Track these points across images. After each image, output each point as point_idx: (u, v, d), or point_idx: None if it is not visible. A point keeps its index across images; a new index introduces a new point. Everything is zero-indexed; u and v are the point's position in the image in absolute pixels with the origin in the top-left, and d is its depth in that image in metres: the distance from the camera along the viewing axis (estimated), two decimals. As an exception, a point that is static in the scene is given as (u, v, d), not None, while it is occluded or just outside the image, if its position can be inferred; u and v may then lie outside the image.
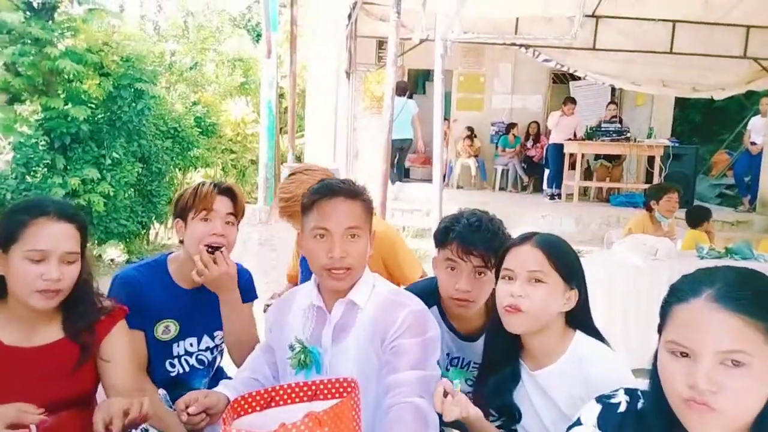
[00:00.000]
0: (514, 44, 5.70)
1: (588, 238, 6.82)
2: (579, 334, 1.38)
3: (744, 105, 10.67)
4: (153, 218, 7.95)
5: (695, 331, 0.92)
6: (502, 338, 1.40)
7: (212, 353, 1.99)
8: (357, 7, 6.03)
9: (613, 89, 9.34)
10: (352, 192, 1.44)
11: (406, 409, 1.24)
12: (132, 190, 7.32)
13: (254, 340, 1.85)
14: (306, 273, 2.22)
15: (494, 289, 1.42)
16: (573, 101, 8.62)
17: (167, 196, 8.04)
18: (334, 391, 1.07)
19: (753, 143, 8.28)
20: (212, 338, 1.98)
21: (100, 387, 1.56)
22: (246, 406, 1.03)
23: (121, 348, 1.50)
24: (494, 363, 1.41)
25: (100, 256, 7.32)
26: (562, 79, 10.17)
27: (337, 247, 1.37)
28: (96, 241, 7.00)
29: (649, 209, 4.51)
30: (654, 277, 3.85)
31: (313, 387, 1.06)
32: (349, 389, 1.06)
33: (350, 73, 7.02)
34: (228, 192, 1.82)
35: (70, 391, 1.39)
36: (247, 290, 2.04)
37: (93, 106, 6.44)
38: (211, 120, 8.96)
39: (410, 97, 11.04)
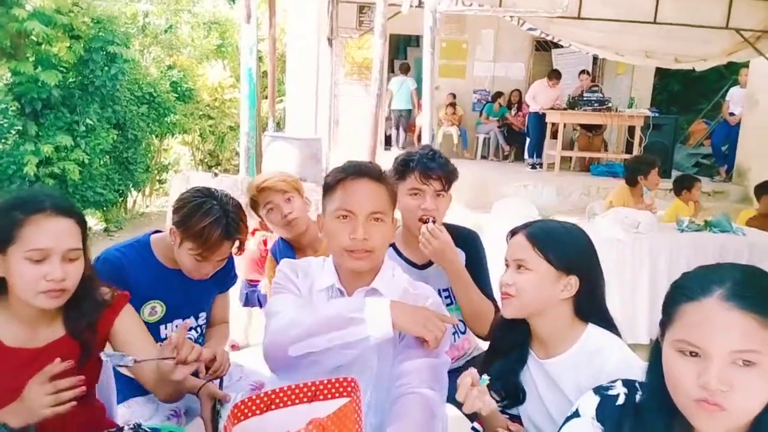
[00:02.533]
0: (510, 16, 5.59)
1: (569, 209, 6.89)
2: (591, 327, 1.39)
3: (723, 75, 10.74)
4: (130, 186, 7.80)
5: (707, 330, 0.92)
6: (511, 325, 1.42)
7: (197, 332, 1.99)
8: (339, -30, 5.84)
9: (595, 58, 9.31)
10: (378, 174, 1.42)
11: (414, 401, 1.25)
12: (108, 157, 7.14)
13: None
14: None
15: None
16: (558, 75, 8.56)
17: (144, 164, 7.86)
18: (334, 391, 1.05)
19: (731, 114, 8.38)
20: (196, 318, 1.98)
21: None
22: (246, 410, 1.01)
23: (133, 329, 1.45)
24: (502, 348, 1.43)
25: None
26: (544, 46, 10.09)
27: (360, 228, 1.35)
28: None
29: (634, 183, 4.53)
30: (636, 249, 3.92)
31: (313, 388, 1.04)
32: (349, 389, 1.04)
33: (332, 40, 6.85)
34: (234, 239, 1.77)
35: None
36: (229, 272, 2.04)
37: (64, 70, 6.20)
38: (187, 85, 8.72)
39: (391, 63, 10.90)
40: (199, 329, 2.00)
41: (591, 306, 1.39)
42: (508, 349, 1.43)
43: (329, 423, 0.89)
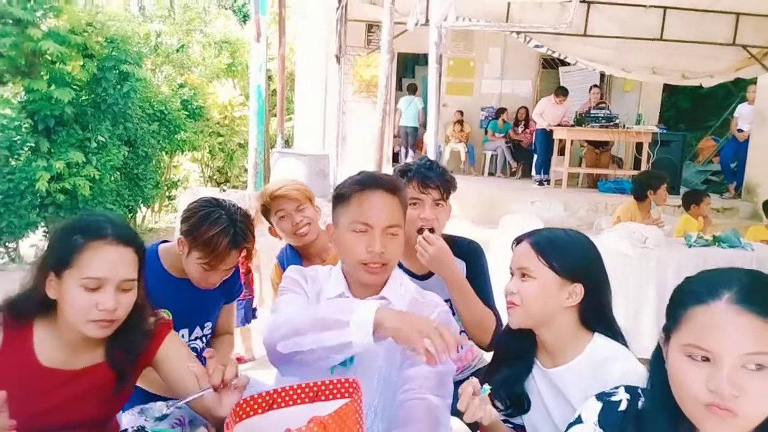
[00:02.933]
0: (511, 31, 5.65)
1: (576, 224, 6.86)
2: (598, 336, 1.37)
3: (731, 92, 10.74)
4: (140, 202, 7.86)
5: (717, 334, 0.91)
6: (516, 334, 1.41)
7: (202, 342, 2.00)
8: (347, -10, 5.95)
9: (602, 75, 9.35)
10: (395, 186, 1.41)
11: (419, 407, 1.24)
12: (118, 173, 7.21)
13: None
14: None
15: None
16: (564, 92, 8.60)
17: (154, 180, 7.94)
18: (335, 391, 1.06)
19: (740, 130, 8.35)
20: (202, 328, 1.99)
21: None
22: (248, 409, 1.02)
23: (177, 358, 1.40)
24: (507, 357, 1.42)
25: (86, 240, 7.21)
26: (551, 64, 10.15)
27: (378, 242, 1.34)
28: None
29: (643, 198, 4.53)
30: (643, 264, 3.90)
31: (315, 388, 1.05)
32: (350, 390, 1.05)
33: (340, 57, 6.94)
34: (243, 247, 1.79)
35: (96, 414, 1.34)
36: (235, 283, 2.06)
37: (77, 88, 6.30)
38: (198, 103, 8.82)
39: (399, 81, 11.01)
40: (204, 339, 2.01)
41: (597, 315, 1.38)
42: (512, 358, 1.42)
43: (330, 422, 0.89)
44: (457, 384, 1.88)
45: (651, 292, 3.85)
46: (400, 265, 1.87)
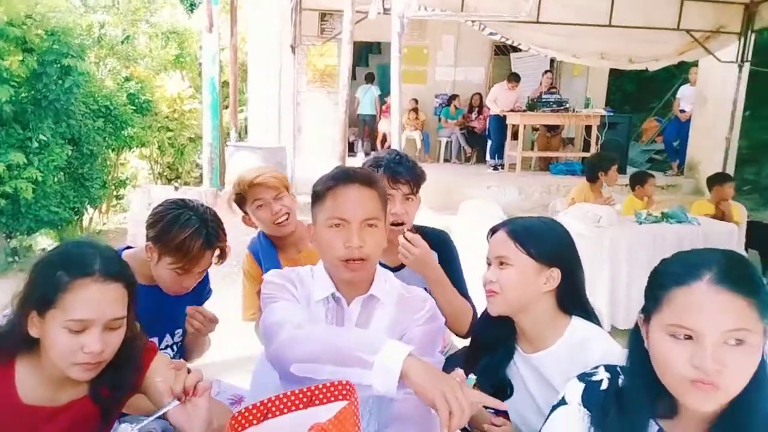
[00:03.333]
0: (472, 21, 5.67)
1: (531, 207, 7.04)
2: (576, 319, 1.41)
3: (673, 74, 11.17)
4: (86, 203, 7.55)
5: (700, 313, 0.97)
6: (495, 321, 1.44)
7: (173, 351, 1.95)
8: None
9: (552, 60, 9.55)
10: (370, 179, 1.39)
11: (412, 401, 1.23)
12: (62, 174, 6.91)
13: None
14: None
15: None
16: (517, 78, 8.75)
17: (100, 179, 7.64)
18: (329, 395, 1.04)
19: (682, 110, 8.72)
20: (173, 336, 1.94)
21: None
22: (243, 421, 0.99)
23: (163, 375, 1.31)
24: (487, 345, 1.45)
25: (30, 246, 6.90)
26: (503, 50, 10.29)
27: (355, 236, 1.31)
28: (25, 231, 6.59)
29: (595, 179, 4.68)
30: (597, 243, 4.04)
31: (308, 393, 1.03)
32: (344, 392, 1.03)
33: (295, 47, 6.83)
34: (216, 247, 1.73)
35: None
36: (205, 286, 2.00)
37: (16, 84, 5.97)
38: (145, 96, 8.52)
39: (353, 70, 10.92)
40: (175, 347, 1.96)
41: (573, 298, 1.42)
42: (492, 346, 1.44)
43: (330, 427, 0.89)
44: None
45: (605, 268, 4.00)
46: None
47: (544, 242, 1.40)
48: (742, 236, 4.65)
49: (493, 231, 1.45)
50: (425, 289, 1.90)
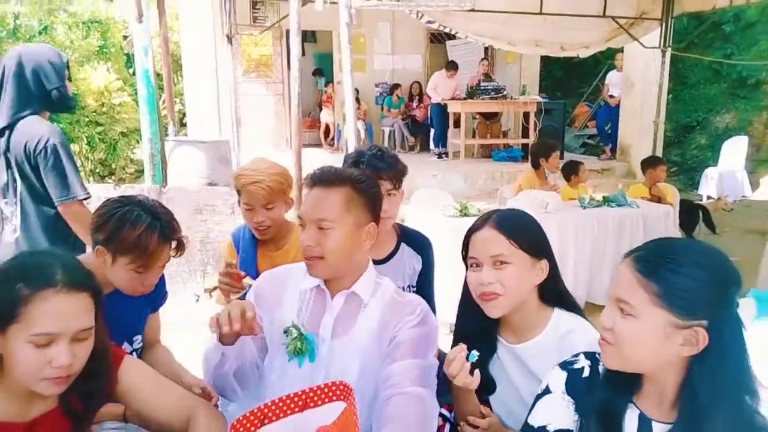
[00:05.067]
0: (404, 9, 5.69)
1: (477, 194, 7.18)
2: (559, 311, 1.42)
3: (599, 60, 11.63)
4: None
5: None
6: (478, 316, 1.42)
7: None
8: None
9: (486, 48, 9.73)
10: (329, 181, 1.39)
11: (406, 401, 1.24)
12: (-18, 174, 6.43)
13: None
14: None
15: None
16: (455, 66, 8.86)
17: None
18: (324, 396, 1.04)
19: (611, 96, 9.10)
20: (131, 343, 1.86)
21: None
22: (241, 429, 0.97)
23: (141, 385, 1.29)
24: (470, 338, 1.41)
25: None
26: (438, 38, 10.39)
27: (305, 235, 1.37)
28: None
29: (538, 166, 4.81)
30: (546, 228, 4.16)
31: (303, 396, 1.02)
32: (339, 393, 1.03)
33: (232, 37, 6.62)
34: (172, 239, 1.65)
35: None
36: (161, 289, 1.93)
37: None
38: (70, 90, 8.02)
39: (287, 58, 10.75)
40: (134, 354, 1.88)
41: (554, 288, 1.43)
42: (475, 338, 1.40)
43: (334, 429, 0.88)
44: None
45: (554, 251, 4.14)
46: None
47: (533, 235, 1.39)
48: (676, 217, 4.93)
49: (475, 229, 1.40)
50: (408, 287, 1.92)
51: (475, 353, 1.27)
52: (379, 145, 1.97)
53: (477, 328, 1.45)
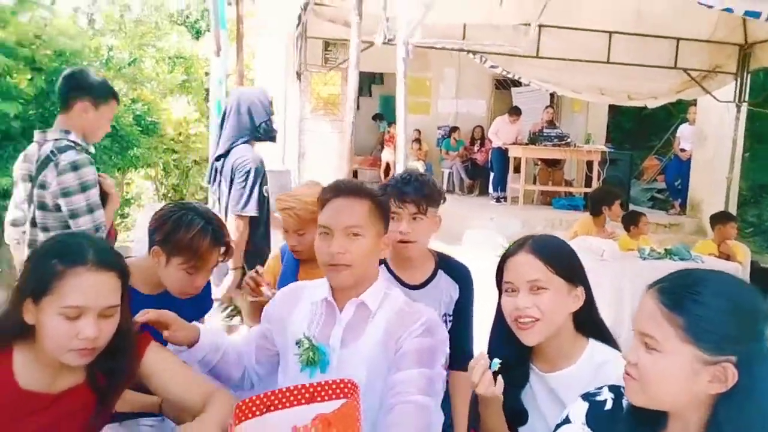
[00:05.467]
0: (463, 50, 5.80)
1: (533, 240, 7.03)
2: (594, 342, 1.38)
3: (671, 113, 11.33)
4: (90, 221, 7.58)
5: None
6: (511, 342, 1.38)
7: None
8: (308, 7, 5.98)
9: (552, 95, 9.70)
10: (356, 190, 1.45)
11: (409, 409, 1.24)
12: (67, 191, 6.94)
13: None
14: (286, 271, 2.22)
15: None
16: (518, 111, 8.88)
17: (105, 198, 7.66)
18: (331, 393, 1.07)
19: (682, 149, 8.80)
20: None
21: None
22: (247, 411, 1.01)
23: (163, 369, 1.37)
24: (503, 367, 1.37)
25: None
26: (504, 84, 10.47)
27: (335, 243, 1.39)
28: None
29: (598, 213, 4.69)
30: (600, 276, 4.02)
31: (311, 389, 1.05)
32: (346, 390, 1.05)
33: (301, 74, 6.94)
34: (222, 243, 1.76)
35: None
36: (207, 296, 2.02)
37: (24, 102, 6.05)
38: (151, 118, 8.63)
39: (357, 99, 11.12)
40: (178, 354, 1.95)
41: (589, 316, 1.38)
42: (509, 367, 1.37)
43: (334, 418, 0.89)
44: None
45: (607, 301, 3.99)
46: (392, 274, 1.90)
47: (569, 260, 1.36)
48: (746, 277, 4.64)
49: (510, 254, 1.38)
50: (444, 315, 1.90)
51: (497, 361, 1.27)
52: (411, 170, 2.02)
53: (510, 356, 1.40)
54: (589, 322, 1.39)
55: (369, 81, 11.81)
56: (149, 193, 9.98)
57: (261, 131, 2.93)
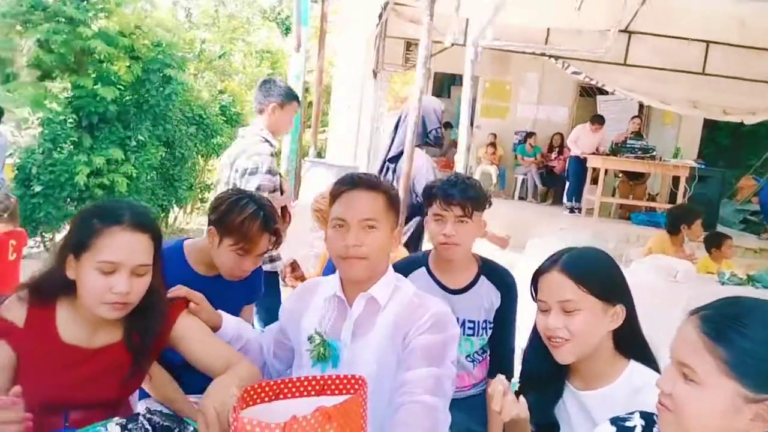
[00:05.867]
0: (544, 54, 5.65)
1: (605, 255, 6.73)
2: (635, 364, 1.32)
3: (774, 131, 10.48)
4: (173, 202, 8.04)
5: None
6: (547, 357, 1.34)
7: None
8: (388, 7, 6.03)
9: (641, 106, 9.23)
10: (371, 183, 1.45)
11: (416, 409, 1.23)
12: (154, 173, 7.40)
13: None
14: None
15: None
16: (601, 120, 8.50)
17: (188, 182, 8.11)
18: (341, 387, 1.08)
19: (782, 171, 8.13)
20: None
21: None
22: (255, 396, 1.04)
23: (192, 337, 1.45)
24: (538, 380, 1.35)
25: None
26: (589, 92, 10.07)
27: (352, 235, 1.39)
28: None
29: (676, 231, 4.42)
30: (672, 298, 3.78)
31: (321, 382, 1.07)
32: (356, 387, 1.06)
33: (377, 73, 7.02)
34: (272, 230, 1.84)
35: (111, 394, 1.38)
36: (259, 283, 2.09)
37: (122, 87, 6.52)
38: (236, 109, 9.03)
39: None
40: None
41: (632, 337, 1.32)
42: (543, 381, 1.35)
43: (335, 412, 0.90)
44: (471, 400, 1.86)
45: (675, 326, 3.75)
46: (432, 277, 1.89)
47: (605, 278, 1.30)
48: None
49: (542, 271, 1.33)
50: (475, 321, 1.87)
51: (516, 382, 1.27)
52: (459, 173, 2.03)
53: (544, 371, 1.37)
54: (630, 342, 1.33)
55: (449, 82, 11.73)
56: (227, 180, 10.44)
57: (431, 138, 3.24)
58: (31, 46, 6.50)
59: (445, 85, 11.88)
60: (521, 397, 1.24)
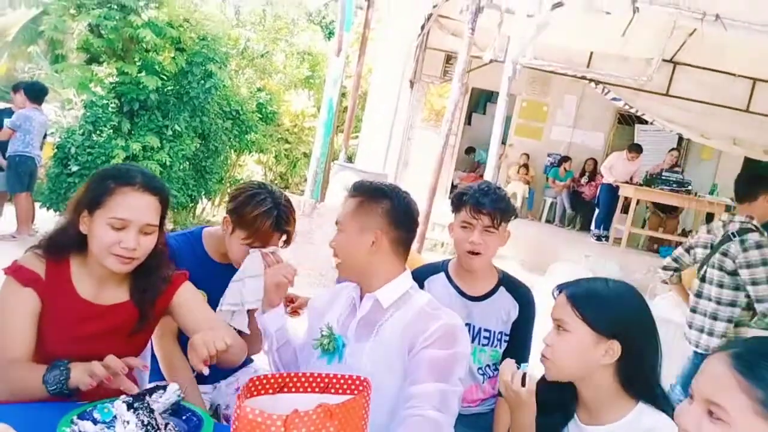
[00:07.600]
0: (584, 78, 5.60)
1: (629, 287, 6.60)
2: (644, 406, 1.29)
3: (818, 176, 10.13)
4: (203, 193, 8.15)
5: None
6: (558, 384, 1.35)
7: None
8: (431, 18, 6.06)
9: (680, 138, 9.04)
10: (353, 190, 1.57)
11: (420, 423, 1.24)
12: (188, 163, 7.52)
13: None
14: None
15: None
16: (638, 149, 8.34)
17: (219, 175, 8.21)
18: (346, 387, 1.10)
19: (822, 217, 7.85)
20: None
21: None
22: (260, 387, 1.06)
23: (191, 305, 1.56)
24: (545, 406, 1.34)
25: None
26: (627, 120, 9.92)
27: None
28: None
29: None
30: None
31: (327, 380, 1.09)
32: (361, 388, 1.07)
33: (414, 83, 7.04)
34: (284, 231, 1.84)
35: (120, 351, 1.42)
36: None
37: (164, 77, 6.66)
38: (272, 108, 9.14)
39: (469, 116, 11.04)
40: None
41: (637, 377, 1.28)
42: (551, 408, 1.34)
43: (337, 411, 0.91)
44: (481, 417, 1.84)
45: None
46: (452, 283, 1.90)
47: (605, 310, 1.28)
48: None
49: (559, 290, 1.36)
50: (490, 331, 1.85)
51: (525, 365, 1.30)
52: (488, 181, 2.02)
53: (554, 396, 1.36)
54: (637, 383, 1.29)
55: (485, 99, 11.71)
56: (258, 177, 10.57)
57: None
58: (82, 29, 6.68)
59: (481, 101, 11.85)
60: (527, 381, 1.28)
